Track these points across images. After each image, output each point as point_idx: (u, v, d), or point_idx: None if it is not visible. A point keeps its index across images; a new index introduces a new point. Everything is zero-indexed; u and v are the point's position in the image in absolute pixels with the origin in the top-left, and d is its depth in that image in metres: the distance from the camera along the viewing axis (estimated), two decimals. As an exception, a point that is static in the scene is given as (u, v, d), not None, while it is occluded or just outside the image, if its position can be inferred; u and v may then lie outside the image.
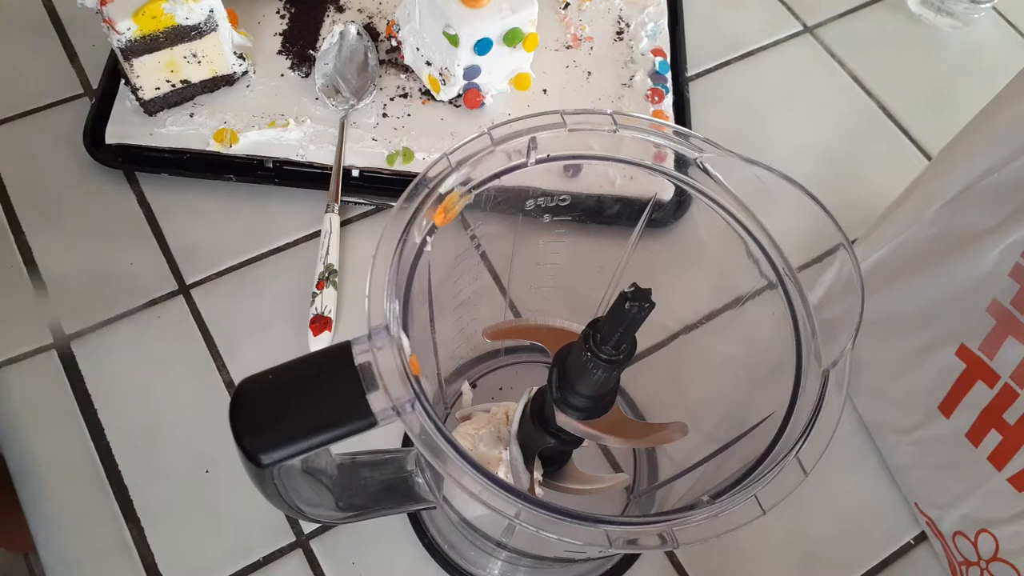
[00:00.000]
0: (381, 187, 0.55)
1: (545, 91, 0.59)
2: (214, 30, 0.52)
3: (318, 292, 0.50)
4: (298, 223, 0.54)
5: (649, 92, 0.59)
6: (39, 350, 0.49)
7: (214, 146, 0.54)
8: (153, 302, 0.51)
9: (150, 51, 0.51)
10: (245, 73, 0.56)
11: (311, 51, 0.58)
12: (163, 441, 0.47)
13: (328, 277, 0.51)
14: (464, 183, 0.32)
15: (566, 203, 0.38)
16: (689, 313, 0.42)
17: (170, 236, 0.53)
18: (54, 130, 0.56)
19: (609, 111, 0.33)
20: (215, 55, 0.54)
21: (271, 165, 0.54)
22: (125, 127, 0.54)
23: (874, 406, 0.49)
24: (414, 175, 0.31)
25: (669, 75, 0.60)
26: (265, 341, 0.50)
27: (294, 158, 0.54)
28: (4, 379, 0.48)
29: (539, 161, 0.33)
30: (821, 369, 0.30)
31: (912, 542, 0.48)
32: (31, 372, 0.48)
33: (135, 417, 0.48)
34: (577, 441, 0.35)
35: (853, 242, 0.42)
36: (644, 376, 0.46)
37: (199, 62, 0.53)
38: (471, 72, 0.55)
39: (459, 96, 0.57)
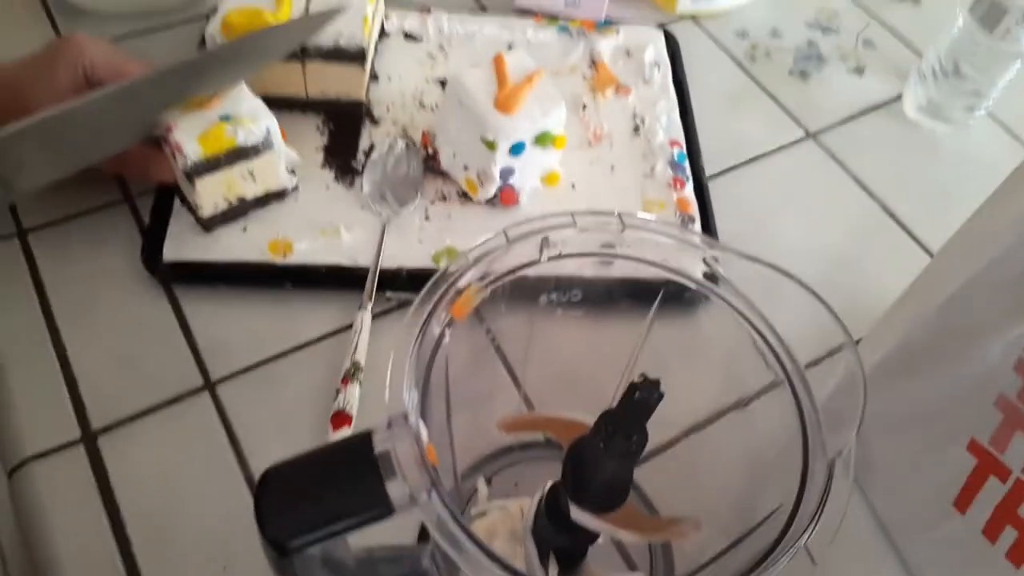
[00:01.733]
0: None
1: (573, 186, 0.63)
2: (270, 148, 0.56)
3: (342, 388, 0.52)
4: (327, 321, 0.56)
5: (671, 180, 0.63)
6: (67, 444, 0.50)
7: (269, 257, 0.56)
8: (179, 398, 0.52)
9: (211, 171, 0.54)
10: (295, 188, 0.60)
11: (352, 162, 0.62)
12: (183, 537, 0.47)
13: (354, 374, 0.52)
14: (481, 278, 0.34)
15: (578, 299, 0.39)
16: (699, 407, 0.42)
17: (198, 333, 0.55)
18: (96, 234, 0.59)
19: (616, 212, 0.35)
20: (269, 172, 0.57)
21: (325, 272, 0.57)
22: (182, 244, 0.57)
23: (890, 504, 0.49)
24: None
25: (687, 164, 0.64)
26: (286, 436, 0.51)
27: (346, 264, 0.57)
28: (32, 473, 0.49)
29: (551, 259, 0.35)
30: (827, 459, 0.30)
31: (938, 645, 0.47)
32: (58, 466, 0.49)
33: (156, 512, 0.48)
34: (592, 537, 0.35)
35: (858, 342, 0.42)
36: (656, 472, 0.46)
37: (255, 179, 0.56)
38: (506, 173, 0.59)
39: (496, 196, 0.60)
